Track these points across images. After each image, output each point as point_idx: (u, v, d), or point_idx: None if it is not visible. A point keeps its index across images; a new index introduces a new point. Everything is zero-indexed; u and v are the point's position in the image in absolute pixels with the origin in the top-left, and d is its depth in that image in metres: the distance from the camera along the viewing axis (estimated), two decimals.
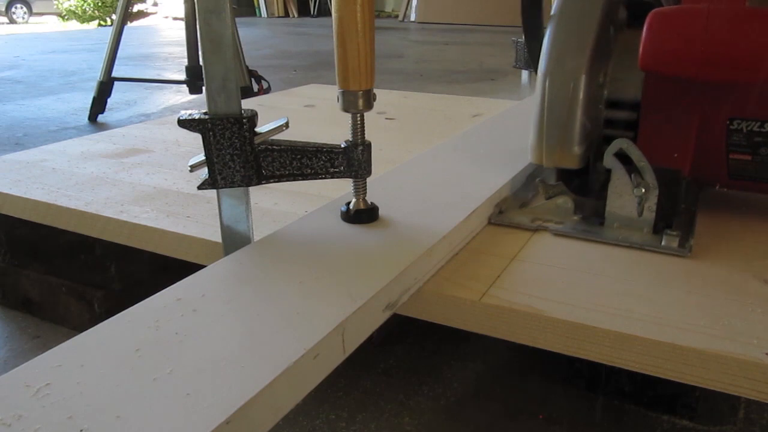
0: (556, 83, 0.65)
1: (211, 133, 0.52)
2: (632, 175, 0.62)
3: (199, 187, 0.54)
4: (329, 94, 1.46)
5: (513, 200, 0.74)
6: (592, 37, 0.64)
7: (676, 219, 0.64)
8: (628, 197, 0.63)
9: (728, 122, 0.63)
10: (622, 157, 0.62)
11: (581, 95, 0.64)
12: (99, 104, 1.97)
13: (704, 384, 0.46)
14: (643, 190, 0.61)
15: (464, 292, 0.54)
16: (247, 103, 1.20)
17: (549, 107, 0.65)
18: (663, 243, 0.61)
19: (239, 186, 0.54)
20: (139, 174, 0.84)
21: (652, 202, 0.62)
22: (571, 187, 0.70)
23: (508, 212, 0.70)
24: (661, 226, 0.63)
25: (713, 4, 0.57)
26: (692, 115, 0.64)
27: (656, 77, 0.64)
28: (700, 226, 0.67)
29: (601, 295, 0.53)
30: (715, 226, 0.68)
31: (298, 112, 1.27)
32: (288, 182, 0.57)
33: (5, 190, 0.76)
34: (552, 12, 0.67)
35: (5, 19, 8.65)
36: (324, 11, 7.87)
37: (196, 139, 0.52)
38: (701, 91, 0.62)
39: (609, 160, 0.62)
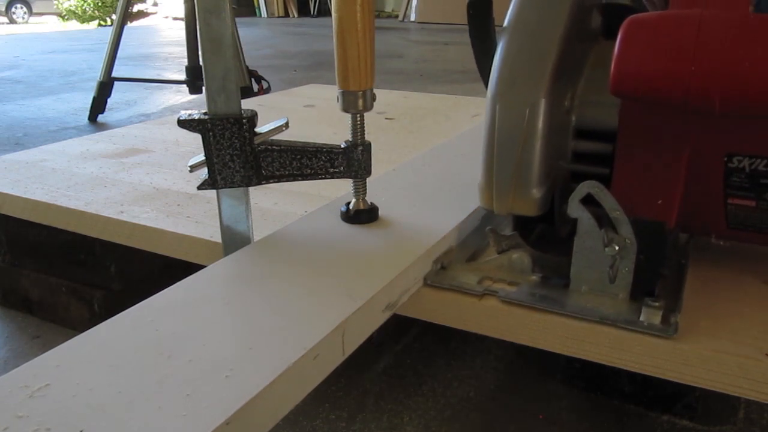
0: (508, 109, 0.52)
1: (210, 133, 0.52)
2: (604, 229, 0.50)
3: (199, 188, 0.54)
4: (329, 94, 1.46)
5: (459, 251, 0.60)
6: (555, 50, 0.52)
7: (659, 283, 0.51)
8: (598, 255, 0.50)
9: (726, 159, 0.50)
10: (592, 205, 0.50)
11: (540, 124, 0.51)
12: (99, 104, 1.97)
13: (704, 384, 0.46)
14: (617, 248, 0.49)
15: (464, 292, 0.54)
16: (247, 103, 1.20)
17: (500, 139, 0.52)
18: (642, 318, 0.48)
19: (239, 186, 0.54)
20: (139, 174, 0.84)
21: (628, 263, 0.50)
22: (530, 237, 0.58)
23: (452, 268, 0.57)
24: (640, 292, 0.50)
25: (708, 10, 0.45)
26: (681, 149, 0.51)
27: (635, 102, 0.51)
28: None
29: None
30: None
31: (298, 112, 1.27)
32: (288, 182, 0.57)
33: (5, 190, 0.76)
34: (505, 23, 0.54)
35: (5, 19, 8.65)
36: (324, 11, 7.86)
37: (196, 139, 0.52)
38: (692, 119, 0.50)
39: (574, 208, 0.50)
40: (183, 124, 0.52)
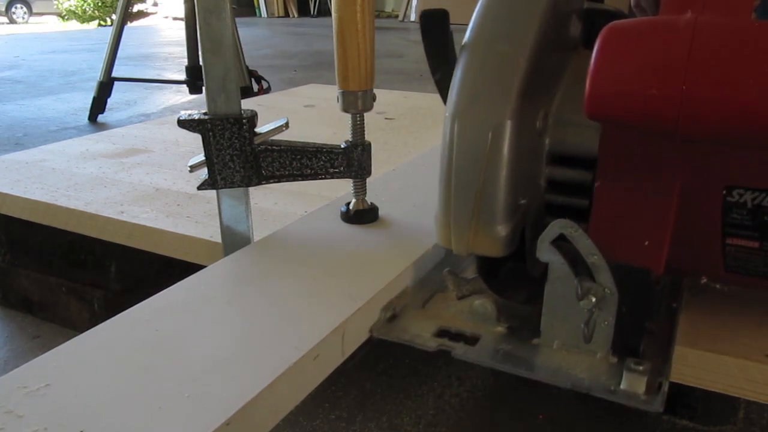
0: (468, 131, 0.44)
1: (210, 133, 0.52)
2: (578, 278, 0.42)
3: (199, 188, 0.54)
4: (329, 94, 1.46)
5: (415, 293, 0.52)
6: (524, 63, 0.44)
7: (645, 341, 0.44)
8: (572, 305, 0.42)
9: (725, 193, 0.43)
10: (565, 247, 0.42)
11: (506, 148, 0.43)
12: (99, 104, 1.97)
13: (704, 385, 0.46)
14: (594, 300, 0.41)
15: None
16: (246, 104, 1.20)
17: (458, 166, 0.44)
18: (623, 385, 0.40)
19: (239, 186, 0.54)
20: (138, 174, 0.84)
21: (608, 316, 0.42)
22: (497, 280, 0.50)
23: (404, 316, 0.49)
24: (622, 350, 0.43)
25: (704, 16, 0.37)
26: (672, 181, 0.43)
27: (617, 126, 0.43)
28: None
29: None
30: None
31: (298, 112, 1.27)
32: (289, 184, 0.57)
33: (5, 190, 0.76)
34: (467, 32, 0.47)
35: (5, 19, 8.64)
36: (324, 11, 7.86)
37: (195, 139, 0.52)
38: (686, 146, 0.42)
39: (544, 251, 0.42)
40: (183, 124, 0.51)
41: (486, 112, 0.43)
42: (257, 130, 0.53)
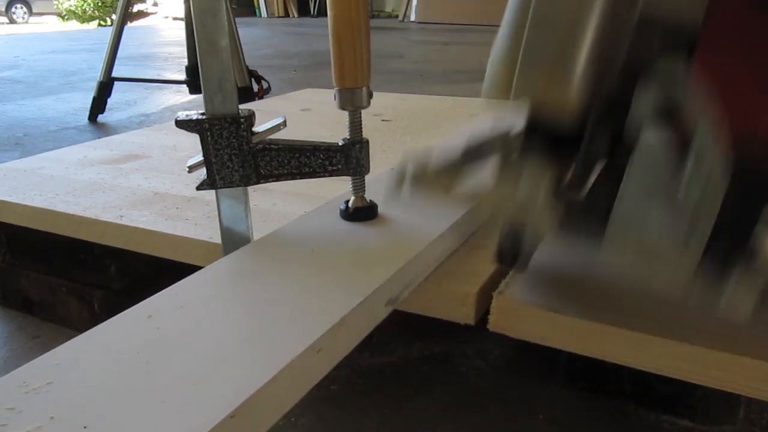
0: None
1: (208, 133, 0.52)
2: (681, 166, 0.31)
3: (198, 188, 0.54)
4: (326, 98, 1.47)
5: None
6: None
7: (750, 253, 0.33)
8: (657, 198, 0.32)
9: None
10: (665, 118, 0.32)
11: None
12: (99, 104, 1.97)
13: (720, 386, 0.46)
14: (694, 192, 0.31)
15: (465, 288, 0.54)
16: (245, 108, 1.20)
17: None
18: (724, 300, 0.32)
19: (238, 186, 0.54)
20: (137, 179, 0.84)
21: (709, 212, 0.31)
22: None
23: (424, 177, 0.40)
24: (719, 259, 0.33)
25: None
26: None
27: None
28: None
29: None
30: None
31: (296, 116, 1.27)
32: (287, 184, 0.57)
33: (3, 198, 0.76)
34: None
35: (5, 19, 8.65)
36: (324, 11, 7.84)
37: (194, 143, 0.52)
38: None
39: (642, 105, 0.32)
40: (180, 124, 0.52)
41: None
42: (255, 129, 0.53)
